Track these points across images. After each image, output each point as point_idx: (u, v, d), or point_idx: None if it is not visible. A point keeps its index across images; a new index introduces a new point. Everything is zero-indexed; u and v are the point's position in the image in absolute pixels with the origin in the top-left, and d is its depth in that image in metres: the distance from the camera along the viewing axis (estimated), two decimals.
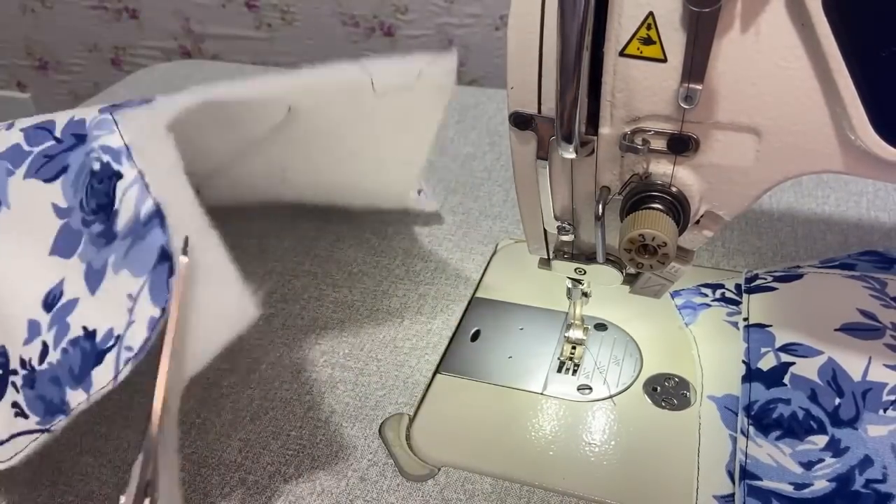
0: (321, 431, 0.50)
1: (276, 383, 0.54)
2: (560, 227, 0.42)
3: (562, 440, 0.49)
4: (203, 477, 0.47)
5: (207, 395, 0.53)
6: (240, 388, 0.53)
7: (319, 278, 0.63)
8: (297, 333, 0.58)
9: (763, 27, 0.31)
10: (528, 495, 0.46)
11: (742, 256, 0.63)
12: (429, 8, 1.01)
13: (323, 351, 0.56)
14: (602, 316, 0.57)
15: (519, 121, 0.37)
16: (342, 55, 1.10)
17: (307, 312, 0.60)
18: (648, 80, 0.34)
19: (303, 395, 0.53)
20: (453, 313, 0.59)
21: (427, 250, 0.65)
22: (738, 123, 0.34)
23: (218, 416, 0.51)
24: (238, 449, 0.49)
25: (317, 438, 0.50)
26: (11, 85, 1.36)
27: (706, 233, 0.40)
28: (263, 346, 0.57)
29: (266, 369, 0.55)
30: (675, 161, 0.36)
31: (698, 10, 0.30)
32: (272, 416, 0.51)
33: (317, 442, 0.50)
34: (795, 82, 0.32)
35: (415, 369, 0.54)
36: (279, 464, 0.48)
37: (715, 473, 0.46)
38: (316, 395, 0.53)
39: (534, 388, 0.52)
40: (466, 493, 0.46)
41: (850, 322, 0.48)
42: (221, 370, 0.55)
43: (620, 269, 0.45)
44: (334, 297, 0.61)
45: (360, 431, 0.50)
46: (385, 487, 0.47)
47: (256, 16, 1.10)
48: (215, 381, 0.54)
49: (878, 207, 0.67)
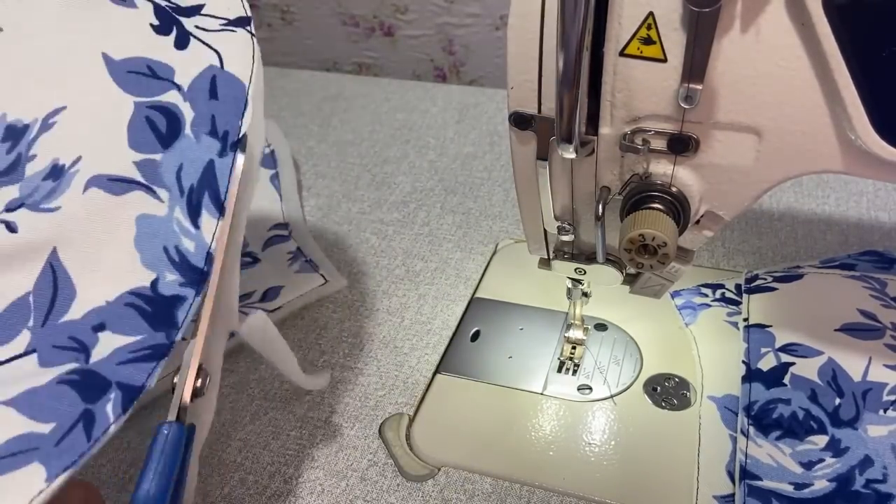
0: (321, 431, 0.50)
1: (276, 383, 0.54)
2: (560, 227, 0.42)
3: (562, 440, 0.49)
4: (203, 477, 0.47)
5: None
6: (240, 388, 0.53)
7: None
8: (297, 333, 0.58)
9: (763, 27, 0.31)
10: (528, 495, 0.46)
11: (742, 256, 0.63)
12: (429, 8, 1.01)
13: (323, 351, 0.56)
14: (602, 316, 0.57)
15: (519, 121, 0.37)
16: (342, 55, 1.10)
17: (307, 312, 0.60)
18: (648, 80, 0.34)
19: (303, 396, 0.53)
20: (453, 313, 0.59)
21: (427, 250, 0.65)
22: (738, 123, 0.34)
23: (218, 416, 0.51)
24: (238, 449, 0.49)
25: (317, 438, 0.50)
26: None
27: (706, 233, 0.40)
28: None
29: (266, 369, 0.55)
30: (675, 161, 0.36)
31: (698, 10, 0.30)
32: (272, 416, 0.51)
33: (317, 442, 0.50)
34: (795, 82, 0.32)
35: (415, 369, 0.54)
36: (279, 464, 0.48)
37: (715, 473, 0.46)
38: (316, 395, 0.53)
39: (534, 388, 0.52)
40: (466, 493, 0.46)
41: (850, 322, 0.48)
42: (222, 370, 0.55)
43: (620, 269, 0.45)
44: (334, 298, 0.61)
45: (360, 431, 0.50)
46: (385, 487, 0.47)
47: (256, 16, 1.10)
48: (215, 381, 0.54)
49: (878, 207, 0.67)
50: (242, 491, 0.47)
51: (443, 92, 0.89)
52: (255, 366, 0.55)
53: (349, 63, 1.11)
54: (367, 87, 0.92)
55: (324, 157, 0.79)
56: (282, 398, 0.53)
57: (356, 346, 0.57)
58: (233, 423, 0.51)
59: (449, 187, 0.73)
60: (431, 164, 0.77)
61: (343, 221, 0.69)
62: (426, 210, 0.70)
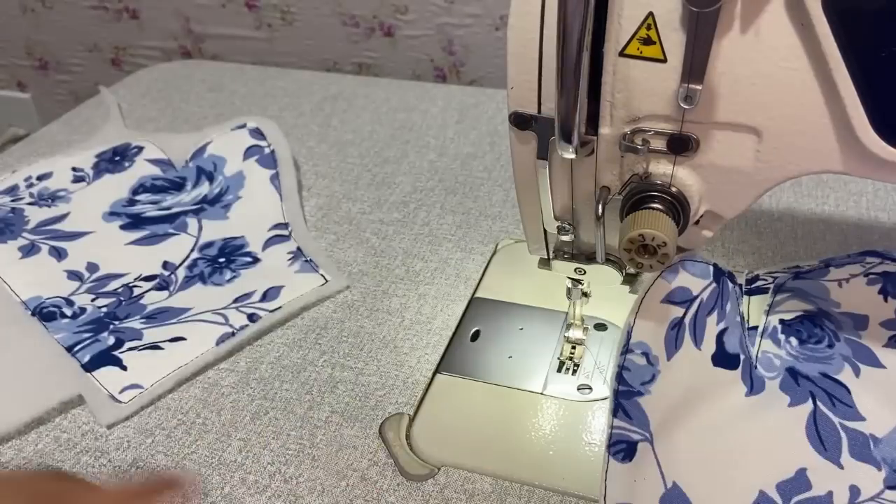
0: (321, 431, 0.50)
1: (276, 383, 0.54)
2: (560, 227, 0.42)
3: (562, 440, 0.49)
4: (203, 477, 0.47)
5: (207, 395, 0.53)
6: (240, 388, 0.53)
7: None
8: (297, 333, 0.58)
9: (763, 27, 0.31)
10: (528, 495, 0.46)
11: (742, 256, 0.63)
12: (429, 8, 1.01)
13: (323, 351, 0.56)
14: (602, 316, 0.57)
15: (519, 121, 0.37)
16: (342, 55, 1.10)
17: (307, 312, 0.60)
18: (648, 80, 0.34)
19: (303, 395, 0.53)
20: (453, 313, 0.59)
21: (427, 250, 0.65)
22: (738, 123, 0.34)
23: (218, 416, 0.51)
24: (238, 449, 0.49)
25: (317, 438, 0.50)
26: (11, 85, 1.36)
27: (706, 233, 0.40)
28: (263, 345, 0.57)
29: (266, 369, 0.55)
30: (674, 161, 0.36)
31: (698, 10, 0.30)
32: (272, 416, 0.51)
33: (317, 442, 0.50)
34: (795, 82, 0.32)
35: (415, 369, 0.54)
36: (279, 464, 0.48)
37: None
38: (316, 395, 0.53)
39: (534, 388, 0.52)
40: (466, 493, 0.46)
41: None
42: (221, 370, 0.55)
43: (620, 269, 0.45)
44: (334, 297, 0.61)
45: (360, 431, 0.50)
46: (385, 487, 0.47)
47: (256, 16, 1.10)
48: (215, 381, 0.54)
49: (878, 207, 0.67)
50: (243, 491, 0.47)
51: (443, 92, 0.89)
52: (255, 366, 0.55)
53: (349, 63, 1.11)
54: (367, 87, 0.92)
55: (324, 157, 0.79)
56: (282, 398, 0.53)
57: (356, 346, 0.57)
58: (233, 423, 0.51)
59: (449, 187, 0.73)
60: (431, 164, 0.77)
61: (343, 221, 0.69)
62: (426, 210, 0.70)
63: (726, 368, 0.44)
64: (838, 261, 0.46)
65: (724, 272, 0.43)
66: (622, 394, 0.42)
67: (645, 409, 0.42)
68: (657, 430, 0.42)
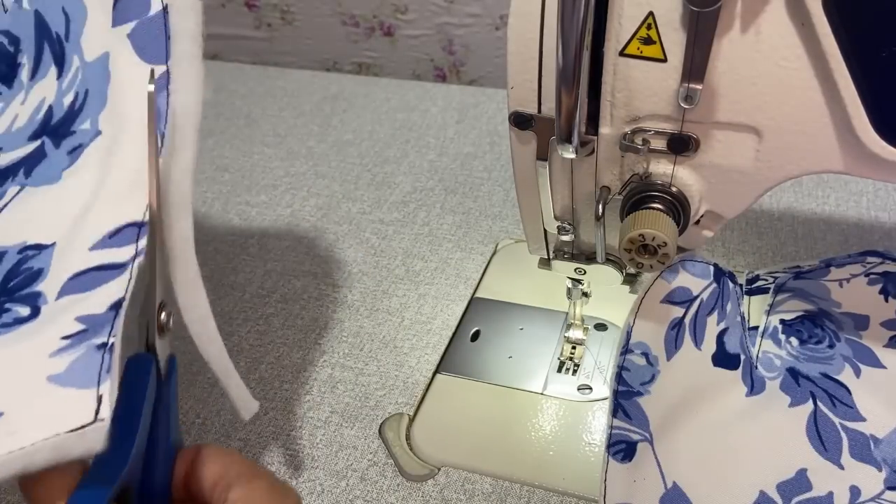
0: (321, 431, 0.50)
1: (276, 383, 0.54)
2: (560, 227, 0.42)
3: (562, 440, 0.49)
4: None
5: (207, 395, 0.53)
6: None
7: (319, 278, 0.63)
8: (297, 333, 0.58)
9: (763, 27, 0.31)
10: (528, 495, 0.46)
11: (742, 256, 0.63)
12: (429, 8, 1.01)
13: (323, 351, 0.56)
14: (602, 316, 0.56)
15: (519, 121, 0.37)
16: (342, 55, 1.10)
17: (307, 312, 0.60)
18: (648, 79, 0.34)
19: (303, 395, 0.53)
20: (453, 313, 0.59)
21: (427, 250, 0.65)
22: (738, 123, 0.34)
23: (218, 416, 0.51)
24: (238, 449, 0.49)
25: (317, 438, 0.50)
26: None
27: (706, 233, 0.40)
28: (263, 345, 0.57)
29: (266, 369, 0.55)
30: (675, 161, 0.36)
31: (698, 10, 0.30)
32: (272, 416, 0.51)
33: (317, 442, 0.50)
34: (795, 82, 0.32)
35: (415, 369, 0.54)
36: (279, 464, 0.48)
37: None
38: (316, 395, 0.53)
39: (534, 388, 0.52)
40: (466, 493, 0.46)
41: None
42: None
43: (620, 269, 0.45)
44: (334, 297, 0.61)
45: (360, 431, 0.50)
46: (385, 487, 0.47)
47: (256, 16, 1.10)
48: (215, 380, 0.54)
49: (878, 207, 0.67)
50: None
51: (443, 92, 0.89)
52: (255, 366, 0.55)
53: (349, 63, 1.11)
54: (367, 86, 0.92)
55: (324, 156, 0.78)
56: (282, 398, 0.53)
57: (356, 346, 0.57)
58: (233, 423, 0.51)
59: (449, 187, 0.73)
60: (431, 164, 0.77)
61: (343, 221, 0.69)
62: (426, 210, 0.70)
63: (727, 368, 0.44)
64: (839, 261, 0.46)
65: (725, 272, 0.43)
66: (622, 394, 0.42)
67: (645, 409, 0.42)
68: (657, 430, 0.42)
